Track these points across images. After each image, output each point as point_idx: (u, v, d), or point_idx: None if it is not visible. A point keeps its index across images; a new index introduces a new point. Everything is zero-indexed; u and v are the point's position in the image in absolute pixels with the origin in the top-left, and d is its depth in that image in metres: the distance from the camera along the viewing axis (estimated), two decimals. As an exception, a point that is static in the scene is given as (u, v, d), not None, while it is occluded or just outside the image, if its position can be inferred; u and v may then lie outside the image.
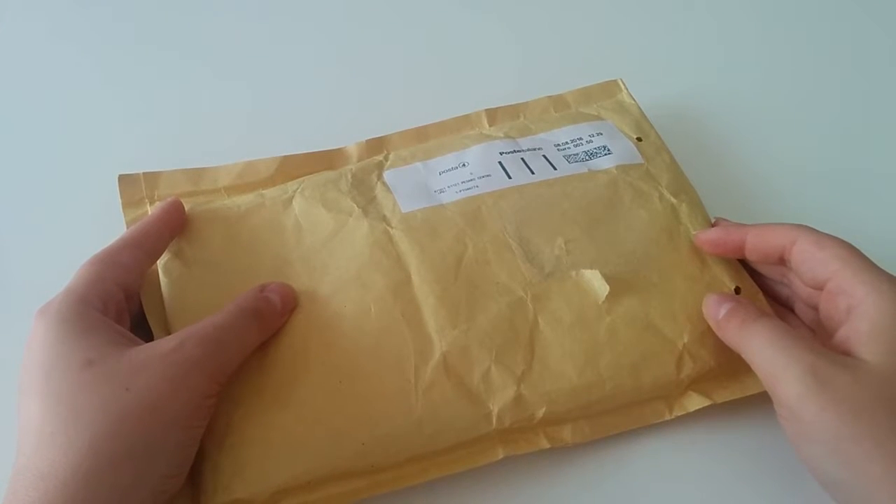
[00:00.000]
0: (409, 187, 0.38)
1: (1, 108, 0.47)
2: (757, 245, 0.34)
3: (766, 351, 0.30)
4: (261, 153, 0.40)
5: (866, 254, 0.31)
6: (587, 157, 0.40)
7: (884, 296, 0.29)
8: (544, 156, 0.40)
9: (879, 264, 0.31)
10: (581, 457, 0.33)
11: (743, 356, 0.31)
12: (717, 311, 0.33)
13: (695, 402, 0.34)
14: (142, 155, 0.42)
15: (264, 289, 0.34)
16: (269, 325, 0.33)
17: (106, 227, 0.38)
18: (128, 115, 0.47)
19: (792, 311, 0.36)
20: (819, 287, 0.32)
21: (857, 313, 0.30)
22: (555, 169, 0.39)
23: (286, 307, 0.33)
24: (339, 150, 0.42)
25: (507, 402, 0.32)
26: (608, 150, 0.40)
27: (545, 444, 0.32)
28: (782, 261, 0.34)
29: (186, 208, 0.38)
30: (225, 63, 0.50)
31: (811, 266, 0.32)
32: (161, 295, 0.35)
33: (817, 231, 0.32)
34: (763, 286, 0.37)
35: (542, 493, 0.32)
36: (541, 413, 0.32)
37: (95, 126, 0.46)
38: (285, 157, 0.40)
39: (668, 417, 0.34)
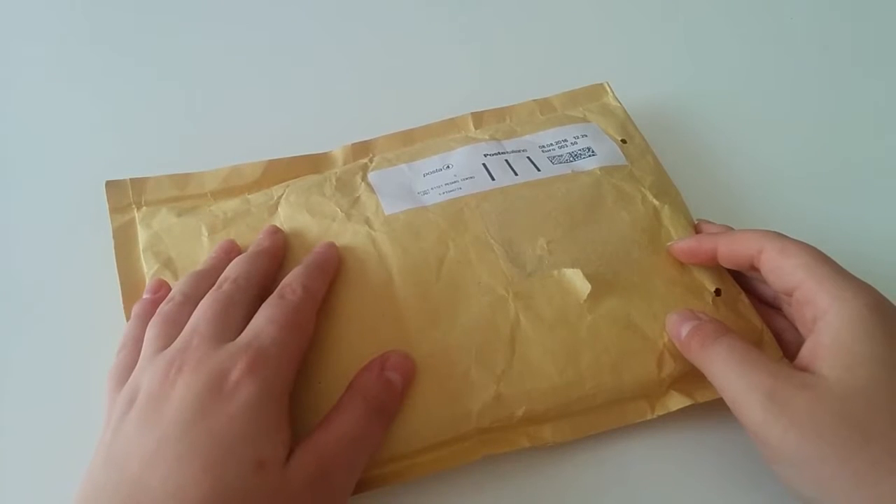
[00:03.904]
0: (393, 188, 0.39)
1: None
2: (727, 254, 0.34)
3: (725, 375, 0.29)
4: (247, 157, 0.41)
5: (848, 250, 0.31)
6: (571, 159, 0.40)
7: (846, 305, 0.28)
8: (528, 157, 0.40)
9: (861, 260, 0.31)
10: (562, 457, 0.33)
11: (707, 377, 0.31)
12: (678, 330, 0.33)
13: (677, 401, 0.33)
14: (127, 160, 0.43)
15: (385, 365, 0.31)
16: (393, 417, 0.31)
17: (93, 233, 0.39)
18: (113, 119, 0.48)
19: (780, 310, 0.36)
20: (788, 295, 0.32)
21: (821, 325, 0.29)
22: (538, 170, 0.39)
23: (406, 386, 0.32)
24: (324, 154, 0.42)
25: (487, 402, 0.32)
26: (592, 151, 0.40)
27: (525, 444, 0.32)
28: (754, 268, 0.33)
29: (174, 214, 0.38)
30: (211, 67, 0.51)
31: (778, 275, 0.31)
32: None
33: (783, 238, 0.32)
34: (750, 286, 0.37)
35: (522, 493, 0.32)
36: (521, 412, 0.32)
37: (82, 132, 0.47)
38: (271, 161, 0.41)
39: (650, 417, 0.33)
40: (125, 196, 0.39)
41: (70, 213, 0.42)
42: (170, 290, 0.34)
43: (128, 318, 0.35)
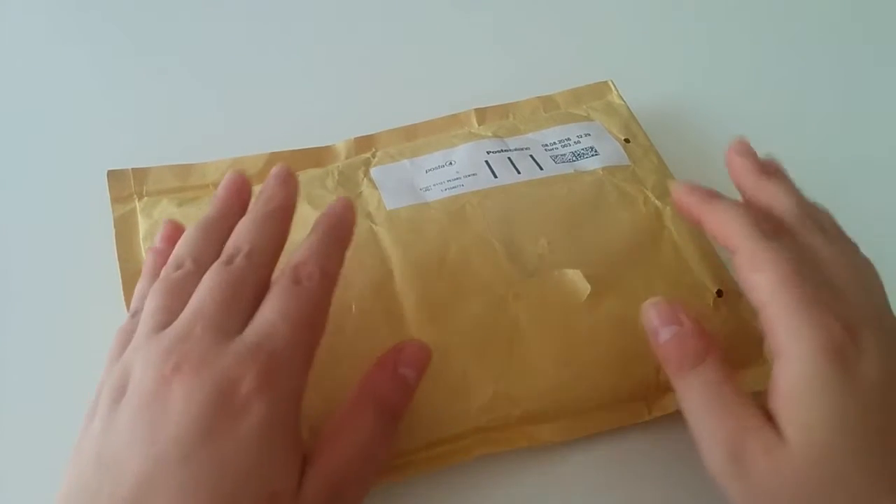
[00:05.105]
0: (395, 184, 0.38)
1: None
2: (709, 233, 0.30)
3: (695, 414, 0.27)
4: (249, 150, 0.41)
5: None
6: (574, 158, 0.40)
7: (802, 347, 0.25)
8: (531, 156, 0.40)
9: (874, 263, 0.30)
10: (559, 456, 0.33)
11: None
12: (656, 331, 0.30)
13: (674, 402, 0.33)
14: (130, 150, 0.42)
15: (399, 359, 0.29)
16: (403, 417, 0.29)
17: (94, 222, 0.39)
18: (116, 110, 0.47)
19: None
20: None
21: (777, 367, 0.26)
22: (541, 169, 0.39)
23: (419, 380, 0.30)
24: (327, 147, 0.42)
25: (485, 400, 0.32)
26: (595, 150, 0.40)
27: (523, 443, 0.32)
28: None
29: (175, 204, 0.38)
30: (214, 59, 0.51)
31: (744, 287, 0.28)
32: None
33: (759, 239, 0.27)
34: None
35: (519, 493, 0.32)
36: (519, 411, 0.32)
37: (84, 121, 0.47)
38: (273, 153, 0.41)
39: (646, 418, 0.33)
40: (127, 186, 0.39)
41: (71, 203, 0.42)
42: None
43: (128, 307, 0.35)
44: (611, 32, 0.53)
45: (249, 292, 0.27)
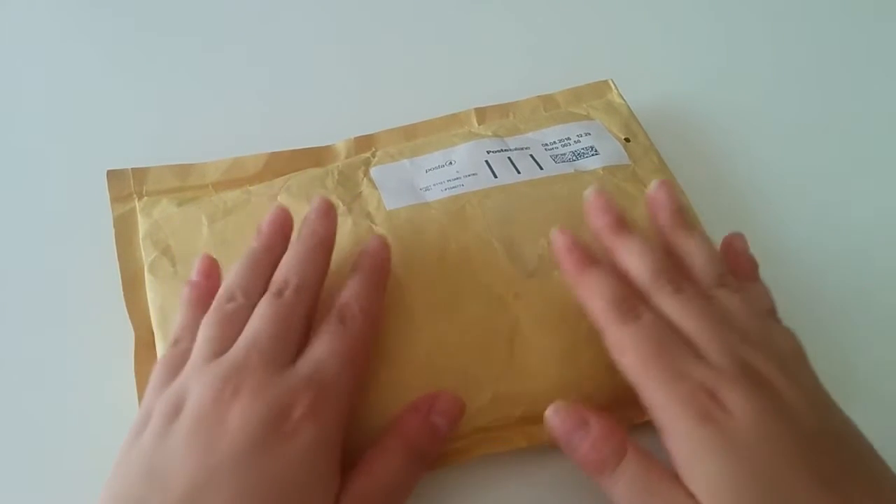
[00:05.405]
0: (395, 184, 0.38)
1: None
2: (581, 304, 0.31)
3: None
4: (249, 150, 0.41)
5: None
6: (574, 158, 0.40)
7: (675, 419, 0.27)
8: (531, 155, 0.40)
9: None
10: (560, 456, 0.33)
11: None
12: (564, 444, 0.29)
13: (674, 403, 0.33)
14: (130, 150, 0.43)
15: (433, 406, 0.31)
16: (433, 461, 0.30)
17: (94, 222, 0.39)
18: (116, 110, 0.47)
19: None
20: None
21: (665, 439, 0.27)
22: (541, 169, 0.39)
23: (450, 431, 0.31)
24: (327, 147, 0.42)
25: (485, 401, 0.32)
26: (595, 150, 0.40)
27: (523, 444, 0.32)
28: None
29: (174, 204, 0.38)
30: (214, 59, 0.51)
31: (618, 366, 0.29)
32: (145, 294, 0.36)
33: (619, 326, 0.29)
34: None
35: (518, 493, 0.32)
36: (519, 412, 0.32)
37: (84, 121, 0.47)
38: (273, 153, 0.41)
39: (646, 418, 0.33)
40: (126, 186, 0.39)
41: (71, 203, 0.42)
42: (220, 273, 0.33)
43: (127, 307, 0.36)
44: (611, 32, 0.53)
45: (299, 323, 0.30)
